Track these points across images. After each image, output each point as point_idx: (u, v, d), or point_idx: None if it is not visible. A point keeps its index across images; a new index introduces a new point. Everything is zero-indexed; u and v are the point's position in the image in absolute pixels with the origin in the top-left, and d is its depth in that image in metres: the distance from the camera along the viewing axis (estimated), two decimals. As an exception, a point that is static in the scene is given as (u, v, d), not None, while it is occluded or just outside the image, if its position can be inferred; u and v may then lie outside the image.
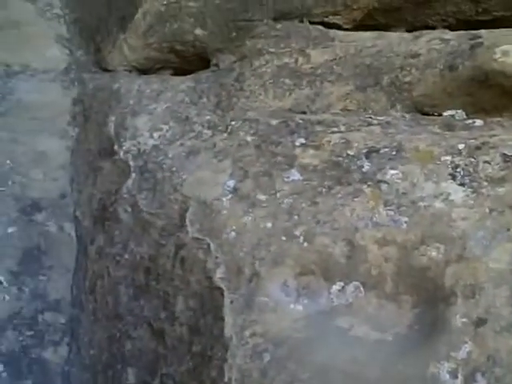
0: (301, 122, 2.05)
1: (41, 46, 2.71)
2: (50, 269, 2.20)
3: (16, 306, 2.13)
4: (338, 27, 2.32)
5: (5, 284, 2.14)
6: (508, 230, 1.68)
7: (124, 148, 2.29)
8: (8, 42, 2.69)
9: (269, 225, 1.84)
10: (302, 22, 2.35)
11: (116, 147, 2.31)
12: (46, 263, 2.21)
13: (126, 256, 2.08)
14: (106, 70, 2.61)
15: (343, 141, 1.96)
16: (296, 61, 2.22)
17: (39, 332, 2.10)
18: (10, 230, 2.23)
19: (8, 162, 2.37)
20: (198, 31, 2.40)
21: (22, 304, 2.13)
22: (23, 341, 2.08)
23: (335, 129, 1.99)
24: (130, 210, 2.14)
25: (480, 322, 1.59)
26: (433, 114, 2.05)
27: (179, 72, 2.54)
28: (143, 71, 2.58)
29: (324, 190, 1.86)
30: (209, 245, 1.88)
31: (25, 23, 2.73)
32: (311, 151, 1.95)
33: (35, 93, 2.58)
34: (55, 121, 2.52)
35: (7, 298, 2.12)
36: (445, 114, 2.03)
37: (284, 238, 1.80)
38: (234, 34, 2.38)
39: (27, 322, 2.10)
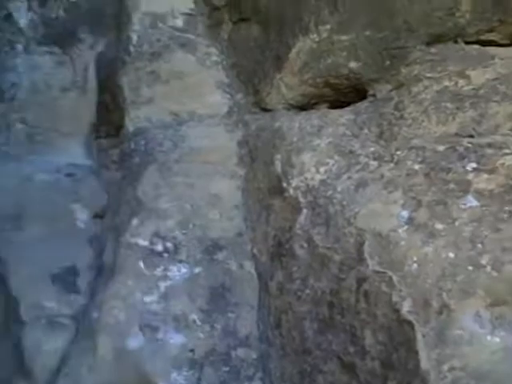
0: (469, 145, 1.92)
1: (204, 93, 2.73)
2: (236, 306, 2.18)
3: (210, 342, 2.13)
4: (495, 44, 2.17)
5: (198, 322, 2.14)
6: None
7: (293, 185, 2.24)
8: (174, 93, 2.73)
9: (451, 255, 1.73)
10: (456, 42, 2.21)
11: (285, 184, 2.26)
12: (231, 300, 2.19)
13: (307, 291, 2.03)
14: (265, 110, 2.58)
15: (518, 162, 1.81)
16: (456, 83, 2.09)
17: (234, 368, 2.08)
18: (196, 270, 2.24)
19: (188, 206, 2.39)
20: (352, 64, 2.33)
21: (215, 341, 2.12)
22: (221, 376, 2.07)
23: (507, 150, 1.85)
24: (305, 245, 2.09)
25: None
26: None
27: (335, 105, 2.47)
28: (301, 107, 2.53)
29: (505, 215, 1.72)
30: (391, 277, 1.79)
31: (187, 73, 2.76)
32: (485, 175, 1.82)
33: (204, 138, 2.59)
34: (225, 163, 2.52)
35: (202, 335, 2.13)
36: None
37: (470, 268, 1.68)
38: (388, 62, 2.28)
39: (222, 358, 2.09)
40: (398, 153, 2.06)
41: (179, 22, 2.87)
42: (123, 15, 2.96)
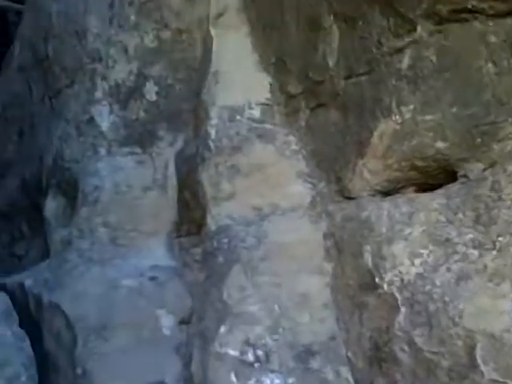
0: None
1: (285, 183, 2.60)
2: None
3: None
4: None
5: None
6: None
7: (386, 279, 2.05)
8: (256, 186, 2.62)
9: None
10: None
11: (377, 280, 2.08)
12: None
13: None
14: (349, 198, 2.43)
15: None
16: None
17: None
18: (290, 381, 2.06)
19: (276, 307, 2.23)
20: (439, 144, 2.14)
21: None
22: None
23: None
24: (407, 348, 1.88)
25: None
26: None
27: (422, 188, 2.28)
28: (386, 193, 2.36)
29: None
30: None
31: (267, 165, 2.65)
32: None
33: (288, 232, 2.45)
34: (311, 258, 2.35)
35: None
36: None
37: None
38: (479, 139, 2.08)
39: None
40: (500, 239, 1.85)
41: (256, 113, 2.78)
42: (201, 110, 2.91)
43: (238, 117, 2.78)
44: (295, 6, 2.63)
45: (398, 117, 2.22)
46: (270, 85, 2.82)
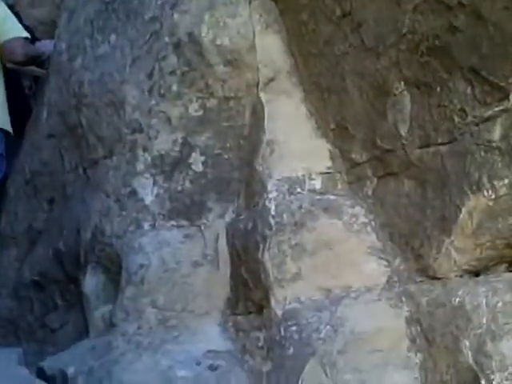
0: None
1: (357, 262, 2.36)
2: None
3: None
4: None
5: None
6: None
7: (495, 381, 1.80)
8: (324, 266, 2.38)
9: None
10: None
11: (483, 381, 1.82)
12: None
13: None
14: (434, 278, 2.19)
15: None
16: None
17: None
18: None
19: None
20: (542, 222, 1.92)
21: None
22: None
23: None
24: None
25: None
26: None
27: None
28: (475, 272, 2.13)
29: None
30: None
31: (335, 241, 2.41)
32: None
33: (366, 319, 2.19)
34: (396, 349, 2.10)
35: None
36: None
37: None
38: None
39: None
40: None
41: (318, 184, 2.56)
42: (255, 182, 2.68)
43: (299, 189, 2.55)
44: (358, 70, 2.42)
45: (490, 192, 1.99)
46: (330, 152, 2.61)
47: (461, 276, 2.12)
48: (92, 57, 3.37)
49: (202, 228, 2.87)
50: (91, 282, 3.18)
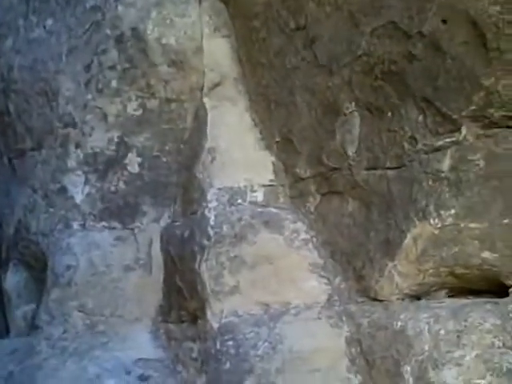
0: None
1: (297, 278, 2.36)
2: None
3: None
4: None
5: None
6: None
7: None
8: (263, 280, 2.36)
9: None
10: None
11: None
12: None
13: None
14: (374, 300, 2.21)
15: None
16: None
17: None
18: None
19: None
20: (486, 254, 1.95)
21: None
22: None
23: None
24: None
25: None
26: None
27: (457, 291, 2.10)
28: (417, 296, 2.16)
29: None
30: None
31: (276, 256, 2.40)
32: None
33: (305, 337, 2.20)
34: (335, 369, 2.12)
35: None
36: None
37: None
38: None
39: None
40: None
41: (259, 196, 2.53)
42: (193, 189, 2.63)
43: (240, 200, 2.52)
44: (309, 86, 2.41)
45: (436, 221, 2.02)
46: (274, 165, 2.59)
47: (402, 299, 2.15)
48: (25, 39, 3.20)
49: (136, 231, 2.80)
50: (13, 279, 3.05)
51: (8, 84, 3.18)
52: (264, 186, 2.54)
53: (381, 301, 2.18)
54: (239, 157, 2.60)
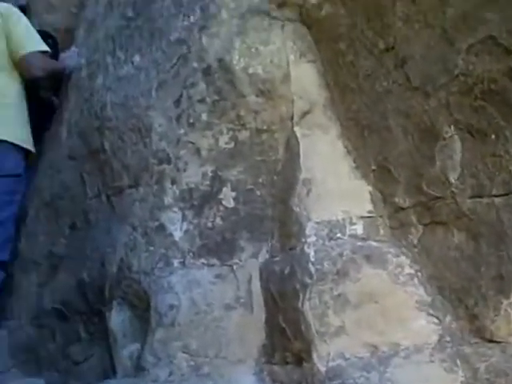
0: None
1: (404, 317, 2.22)
2: None
3: None
4: None
5: None
6: None
7: None
8: (369, 320, 2.24)
9: None
10: None
11: None
12: None
13: None
14: (490, 341, 2.05)
15: None
16: None
17: None
18: None
19: None
20: None
21: None
22: None
23: None
24: None
25: None
26: None
27: None
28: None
29: None
30: None
31: (380, 294, 2.26)
32: None
33: (417, 382, 2.07)
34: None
35: None
36: None
37: None
38: None
39: None
40: None
41: (359, 229, 2.41)
42: (291, 223, 2.54)
43: (339, 234, 2.41)
44: (403, 109, 2.27)
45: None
46: (371, 194, 2.46)
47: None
48: (114, 77, 3.22)
49: (234, 268, 2.73)
50: (117, 318, 3.06)
51: (102, 122, 3.22)
52: (363, 217, 2.42)
53: (498, 342, 2.02)
54: (334, 187, 2.48)
